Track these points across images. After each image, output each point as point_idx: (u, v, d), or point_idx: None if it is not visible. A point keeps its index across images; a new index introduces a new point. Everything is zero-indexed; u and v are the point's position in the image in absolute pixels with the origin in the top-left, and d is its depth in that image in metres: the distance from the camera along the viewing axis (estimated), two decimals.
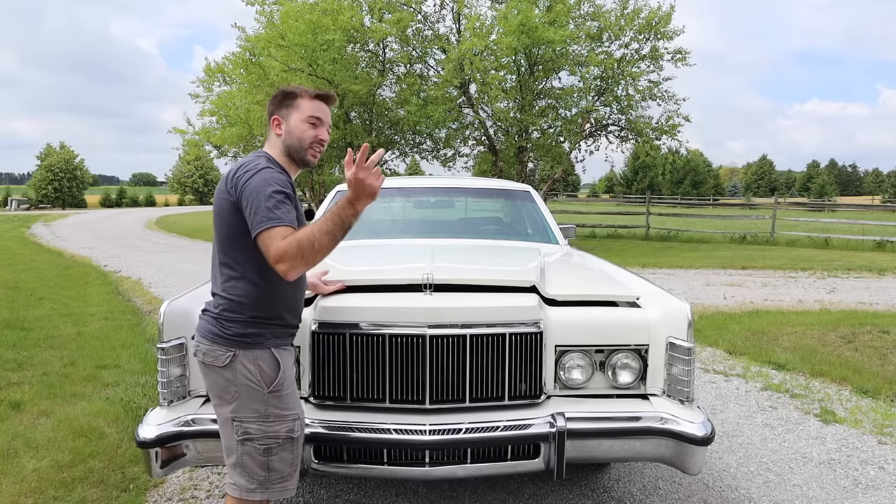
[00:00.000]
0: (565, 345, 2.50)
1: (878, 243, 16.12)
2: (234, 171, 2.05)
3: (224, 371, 2.03)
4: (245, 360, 2.02)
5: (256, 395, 2.03)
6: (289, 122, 2.15)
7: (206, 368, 2.07)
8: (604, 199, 42.33)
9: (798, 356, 5.59)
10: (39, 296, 8.37)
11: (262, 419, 2.04)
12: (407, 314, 2.40)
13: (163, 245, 17.09)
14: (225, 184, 2.05)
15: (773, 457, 3.63)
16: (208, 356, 2.04)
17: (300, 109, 2.16)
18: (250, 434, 2.04)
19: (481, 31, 14.37)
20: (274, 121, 2.18)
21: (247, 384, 2.02)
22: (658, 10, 15.46)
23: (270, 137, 2.20)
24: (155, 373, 2.45)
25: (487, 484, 3.19)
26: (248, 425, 2.03)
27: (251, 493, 2.07)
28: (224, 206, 2.04)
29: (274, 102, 2.20)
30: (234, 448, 2.06)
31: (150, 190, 69.06)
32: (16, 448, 3.45)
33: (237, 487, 2.08)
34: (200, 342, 2.07)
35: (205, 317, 2.10)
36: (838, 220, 20.92)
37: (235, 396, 2.03)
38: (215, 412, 2.12)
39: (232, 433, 2.05)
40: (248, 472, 2.05)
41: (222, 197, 2.05)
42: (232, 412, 2.04)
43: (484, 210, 4.99)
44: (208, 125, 19.31)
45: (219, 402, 2.07)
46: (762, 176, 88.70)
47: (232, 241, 2.04)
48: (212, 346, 2.03)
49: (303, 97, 2.17)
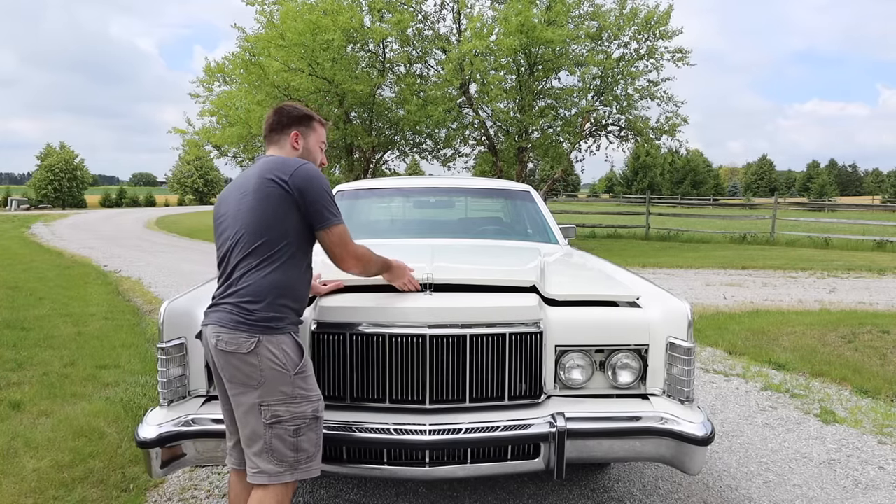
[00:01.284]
0: (565, 345, 2.50)
1: (878, 243, 16.12)
2: (287, 164, 2.17)
3: (248, 357, 2.06)
4: (269, 345, 2.07)
5: (283, 378, 2.08)
6: (308, 140, 2.37)
7: (227, 356, 2.08)
8: (604, 199, 42.37)
9: (798, 356, 5.59)
10: (39, 296, 8.37)
11: (290, 401, 2.09)
12: (407, 314, 2.40)
13: (163, 245, 17.09)
14: (273, 173, 2.14)
15: (773, 457, 3.63)
16: (231, 344, 2.06)
17: (317, 133, 2.41)
18: (279, 416, 2.08)
19: (482, 31, 14.37)
20: (294, 135, 2.35)
21: (272, 368, 2.07)
22: (656, 9, 15.46)
23: (285, 149, 2.34)
24: (155, 373, 2.46)
25: (487, 484, 3.19)
26: (277, 408, 2.08)
27: (280, 476, 2.10)
28: (272, 193, 2.12)
29: (293, 118, 2.36)
30: (262, 433, 2.09)
31: (150, 190, 69.08)
32: (16, 448, 3.45)
33: (265, 474, 2.10)
34: (221, 331, 2.08)
35: (221, 307, 2.12)
36: (838, 220, 20.91)
37: (262, 381, 2.07)
38: (236, 401, 2.12)
39: (259, 419, 2.08)
40: (277, 455, 2.09)
41: (269, 185, 2.13)
42: (259, 397, 2.07)
43: (484, 210, 4.99)
44: (208, 125, 19.31)
45: (243, 389, 2.09)
46: (762, 176, 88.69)
47: (271, 227, 2.12)
48: (234, 334, 2.06)
49: (318, 123, 2.43)
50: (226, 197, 2.30)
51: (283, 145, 2.34)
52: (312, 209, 2.16)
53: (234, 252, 2.15)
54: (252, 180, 2.19)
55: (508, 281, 2.66)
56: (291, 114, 2.36)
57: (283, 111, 2.37)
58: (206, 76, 18.86)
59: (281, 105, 2.43)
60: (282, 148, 2.34)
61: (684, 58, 16.09)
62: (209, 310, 2.19)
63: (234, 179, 2.41)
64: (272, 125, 2.36)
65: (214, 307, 2.16)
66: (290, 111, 2.37)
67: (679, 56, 16.08)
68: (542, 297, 2.59)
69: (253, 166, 2.29)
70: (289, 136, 2.34)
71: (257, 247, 2.12)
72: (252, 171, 2.24)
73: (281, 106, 2.42)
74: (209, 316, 2.17)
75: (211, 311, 2.17)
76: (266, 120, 2.40)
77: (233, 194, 2.26)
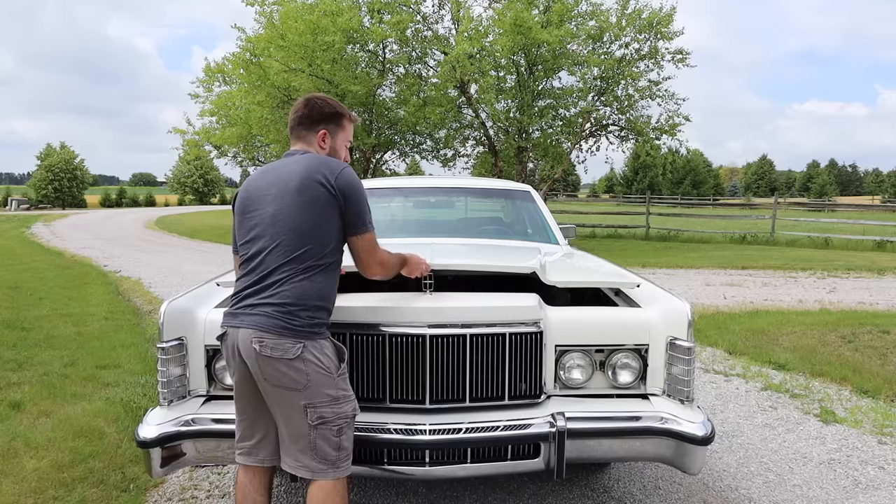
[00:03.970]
0: (565, 344, 2.50)
1: (878, 243, 16.12)
2: (332, 165, 2.13)
3: (294, 362, 2.06)
4: (314, 350, 2.09)
5: (328, 381, 2.11)
6: (336, 140, 2.28)
7: (272, 362, 2.05)
8: (604, 199, 42.36)
9: (798, 356, 5.59)
10: (39, 296, 8.37)
11: (334, 402, 2.12)
12: (407, 314, 2.40)
13: (163, 245, 17.08)
14: (322, 173, 2.10)
15: (773, 457, 3.63)
16: (276, 350, 2.05)
17: (345, 132, 2.31)
18: (325, 417, 2.10)
19: (476, 33, 14.36)
20: (322, 134, 2.25)
21: (318, 371, 2.09)
22: (659, 10, 15.46)
23: (312, 147, 2.24)
24: (155, 373, 2.45)
25: (487, 484, 3.19)
26: (323, 409, 2.10)
27: (324, 473, 2.13)
28: (320, 197, 2.10)
29: (324, 114, 2.25)
30: (306, 433, 2.10)
31: (150, 190, 68.99)
32: (16, 448, 3.45)
33: (308, 469, 2.14)
34: (264, 336, 2.04)
35: (258, 310, 2.07)
36: (838, 220, 20.90)
37: (307, 385, 2.08)
38: (278, 403, 2.11)
39: (304, 420, 2.10)
40: (320, 453, 2.12)
41: (317, 189, 2.09)
42: (305, 399, 2.09)
43: (484, 210, 4.99)
44: (208, 125, 19.33)
45: (287, 392, 2.09)
46: (762, 176, 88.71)
47: (317, 233, 2.11)
48: (279, 340, 2.05)
49: (348, 120, 2.32)
50: (259, 190, 2.19)
51: (311, 142, 2.25)
52: (352, 214, 2.14)
53: (271, 254, 2.09)
54: (295, 179, 2.11)
55: (509, 268, 2.64)
56: (323, 110, 2.25)
57: (315, 106, 2.25)
58: (206, 76, 18.88)
59: (312, 98, 2.29)
60: (309, 145, 2.25)
61: (685, 59, 16.09)
62: (239, 310, 2.11)
63: (266, 170, 2.26)
64: (300, 119, 2.25)
65: (248, 308, 2.09)
66: (321, 107, 2.26)
67: (679, 57, 16.07)
68: (543, 284, 2.57)
69: (291, 161, 2.19)
70: (317, 135, 2.25)
71: (302, 253, 2.08)
72: (293, 168, 2.15)
73: (312, 99, 2.29)
74: (240, 318, 2.10)
75: (242, 313, 2.10)
76: (295, 111, 2.27)
77: (269, 189, 2.16)
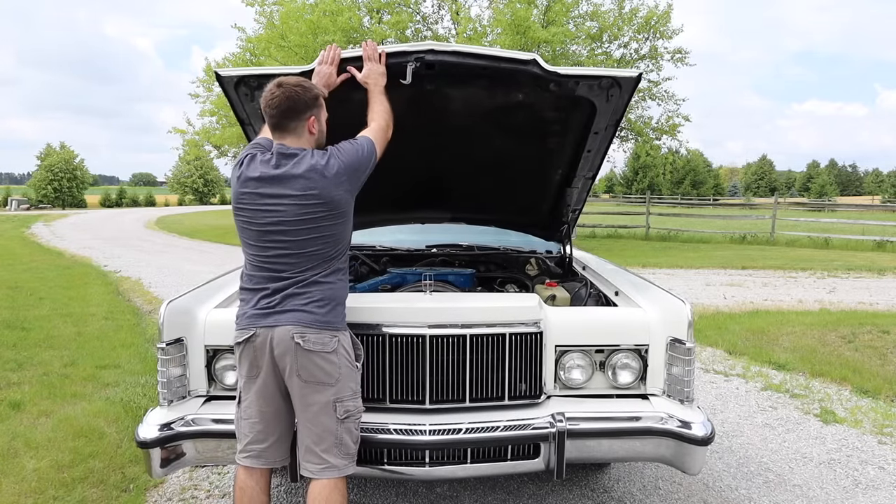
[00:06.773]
0: (565, 345, 2.50)
1: (878, 243, 16.12)
2: (325, 170, 2.09)
3: (331, 356, 2.13)
4: (344, 343, 2.19)
5: (352, 374, 2.20)
6: (321, 122, 2.24)
7: (311, 356, 2.11)
8: (604, 199, 42.24)
9: (798, 356, 5.59)
10: (39, 296, 8.37)
11: (354, 395, 2.20)
12: (407, 314, 2.40)
13: (163, 245, 17.07)
14: (332, 175, 2.10)
15: (773, 457, 3.63)
16: (318, 343, 2.11)
17: (324, 109, 2.26)
18: (350, 411, 2.17)
19: (476, 33, 14.35)
20: (311, 120, 2.18)
21: (347, 365, 2.18)
22: (656, 8, 15.47)
23: (303, 137, 2.17)
24: (155, 373, 2.45)
25: (487, 484, 3.19)
26: (348, 403, 2.17)
27: (346, 468, 2.18)
28: (342, 200, 2.14)
29: (308, 101, 2.16)
30: (334, 429, 2.14)
31: (150, 190, 68.95)
32: (16, 448, 3.45)
33: (335, 469, 2.16)
34: (305, 332, 2.11)
35: (292, 310, 2.12)
36: (838, 220, 20.89)
37: (338, 379, 2.14)
38: (306, 401, 2.14)
39: (333, 415, 2.14)
40: (344, 448, 2.16)
41: (342, 188, 2.12)
42: (334, 394, 2.14)
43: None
44: (208, 125, 19.32)
45: (320, 387, 2.13)
46: (762, 176, 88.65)
47: (337, 239, 2.17)
48: (320, 334, 2.12)
49: (323, 97, 2.26)
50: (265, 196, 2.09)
51: (301, 133, 2.16)
52: (359, 172, 2.19)
53: (293, 258, 2.12)
54: (299, 182, 2.07)
55: (510, 53, 2.45)
56: (305, 97, 2.14)
57: (295, 95, 2.12)
58: (206, 76, 18.88)
59: (286, 86, 2.12)
60: (299, 137, 2.16)
61: (684, 58, 16.10)
62: (268, 310, 2.13)
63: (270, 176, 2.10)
64: (285, 112, 2.12)
65: (279, 308, 2.12)
66: (301, 94, 2.13)
67: (679, 56, 16.08)
68: (545, 70, 2.43)
69: (294, 169, 2.08)
70: (306, 123, 2.16)
71: (327, 259, 2.16)
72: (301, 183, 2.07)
73: (285, 87, 2.12)
74: (273, 317, 2.12)
75: (276, 312, 2.12)
76: (274, 104, 2.11)
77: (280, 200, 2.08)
